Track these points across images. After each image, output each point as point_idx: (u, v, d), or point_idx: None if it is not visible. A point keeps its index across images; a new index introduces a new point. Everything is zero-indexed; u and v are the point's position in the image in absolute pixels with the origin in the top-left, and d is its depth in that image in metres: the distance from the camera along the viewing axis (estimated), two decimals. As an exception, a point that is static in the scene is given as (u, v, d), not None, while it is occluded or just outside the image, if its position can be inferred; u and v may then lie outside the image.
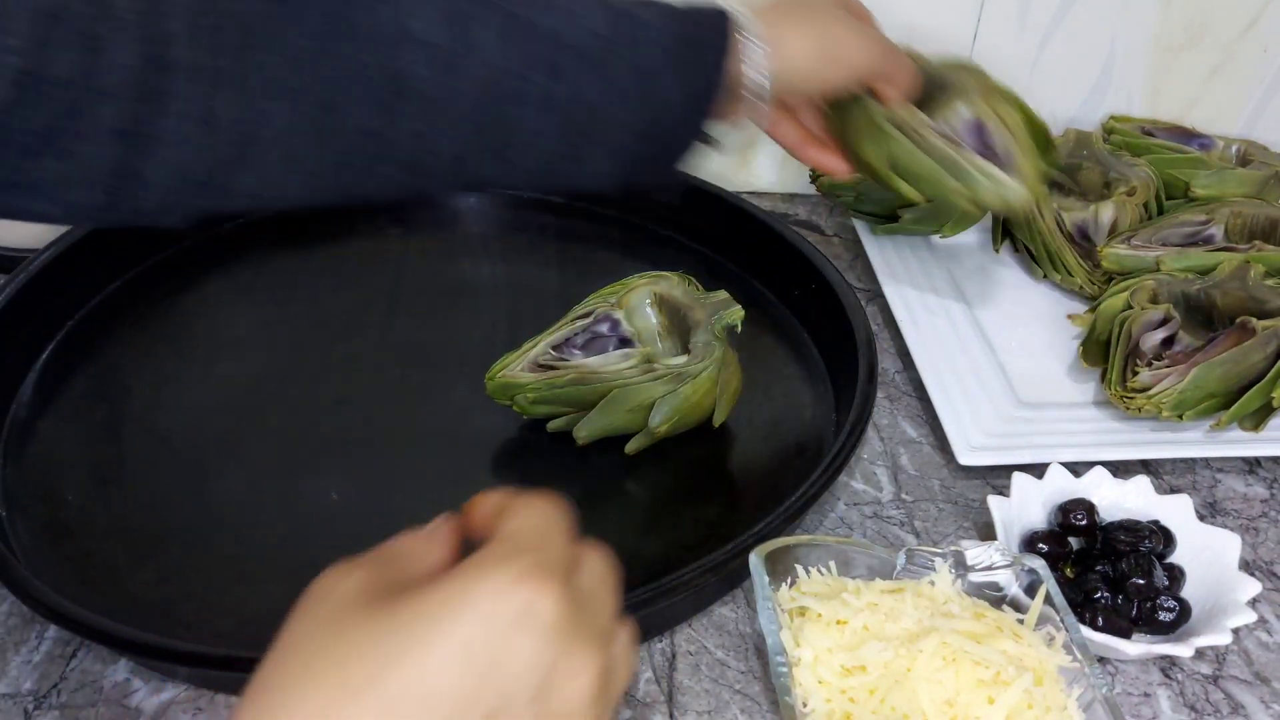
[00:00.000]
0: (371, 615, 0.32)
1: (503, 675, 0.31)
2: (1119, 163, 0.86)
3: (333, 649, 0.31)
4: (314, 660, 0.31)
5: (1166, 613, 0.57)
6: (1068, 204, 0.85)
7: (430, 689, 0.31)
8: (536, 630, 0.32)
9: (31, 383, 0.71)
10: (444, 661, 0.31)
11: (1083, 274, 0.81)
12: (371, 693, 0.30)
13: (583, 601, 0.34)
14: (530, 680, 0.32)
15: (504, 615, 0.31)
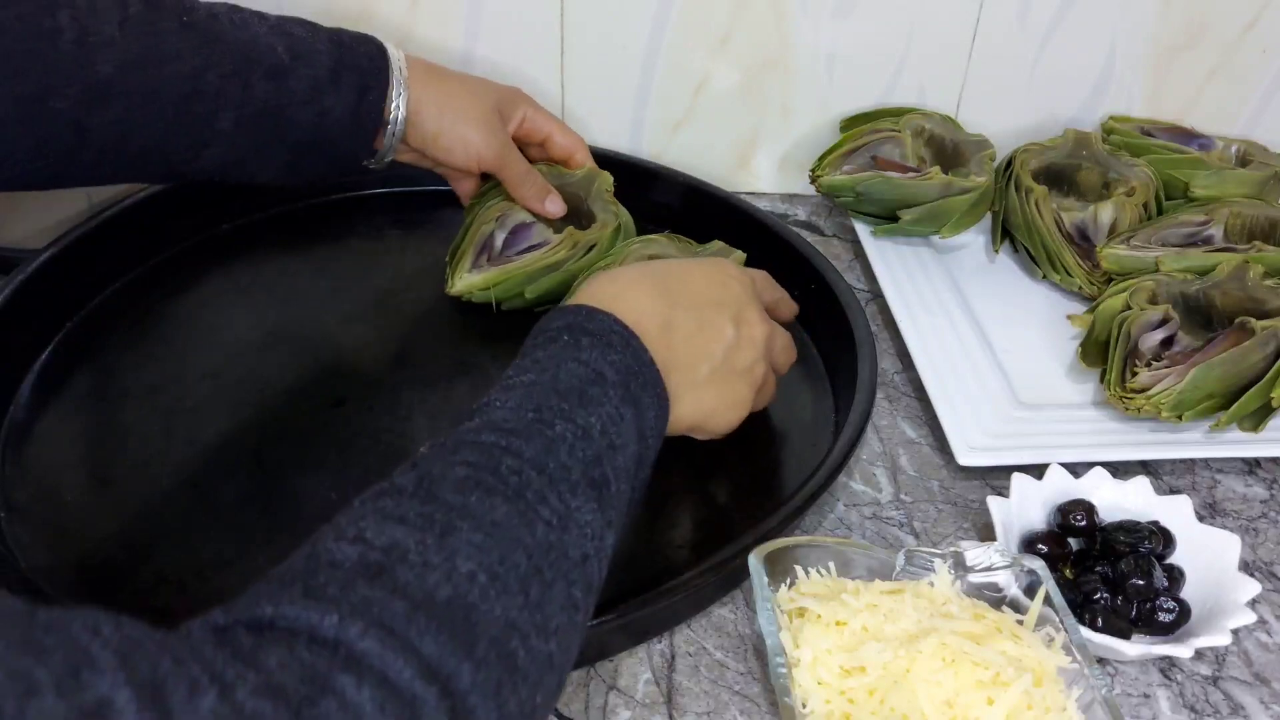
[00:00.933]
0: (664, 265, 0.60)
1: (725, 290, 0.58)
2: (1118, 163, 0.86)
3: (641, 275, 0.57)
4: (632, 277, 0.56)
5: (1166, 613, 0.57)
6: (1067, 204, 0.85)
7: (691, 275, 0.58)
8: (742, 287, 0.59)
9: (31, 383, 0.70)
10: (699, 269, 0.59)
11: (1082, 274, 0.81)
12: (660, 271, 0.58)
13: (767, 315, 0.61)
14: (737, 304, 0.58)
15: (736, 277, 0.60)
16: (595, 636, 0.54)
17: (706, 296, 0.56)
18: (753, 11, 0.88)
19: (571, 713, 0.54)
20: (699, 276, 0.57)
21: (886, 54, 0.91)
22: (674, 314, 0.54)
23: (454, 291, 0.75)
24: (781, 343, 0.62)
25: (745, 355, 0.57)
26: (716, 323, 0.56)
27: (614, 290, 0.54)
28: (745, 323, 0.57)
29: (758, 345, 0.58)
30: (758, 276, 0.62)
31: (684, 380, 0.54)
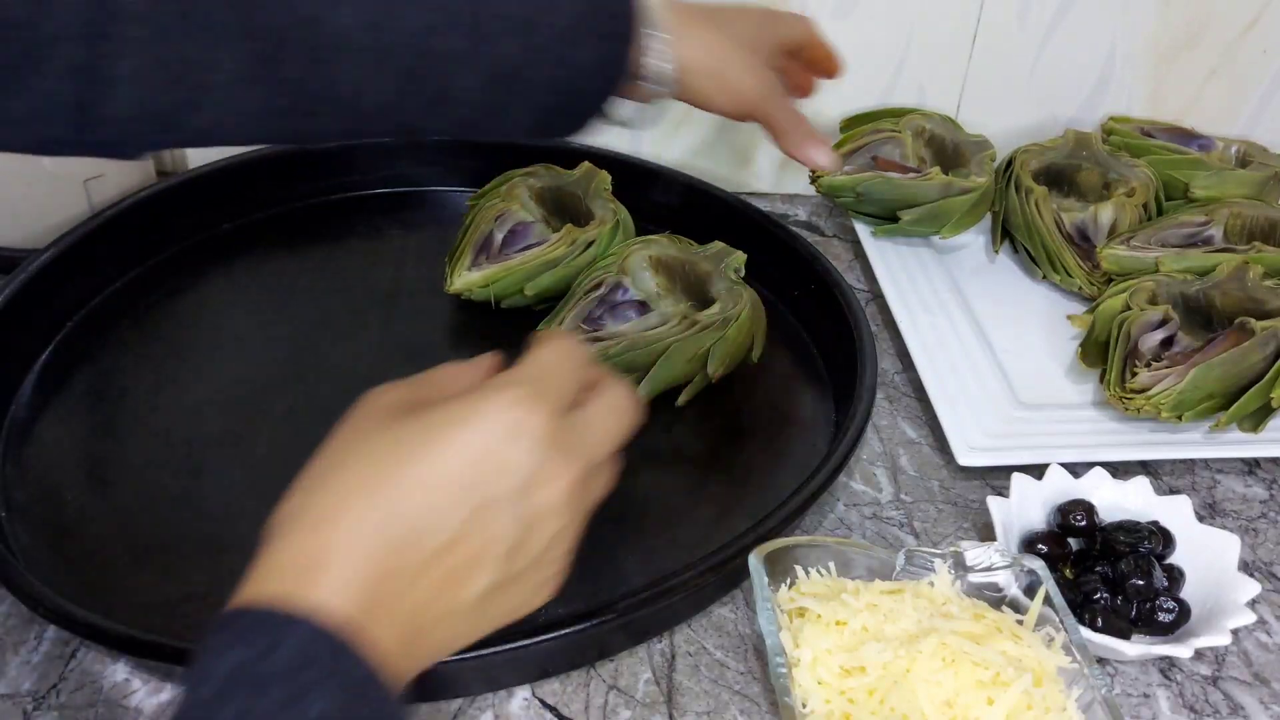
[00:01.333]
0: (402, 422, 0.40)
1: (494, 473, 0.40)
2: (1118, 164, 0.86)
3: (361, 447, 0.40)
4: (345, 457, 0.40)
5: (1166, 614, 0.58)
6: (1067, 205, 0.85)
7: (440, 478, 0.39)
8: (524, 442, 0.40)
9: (31, 383, 0.70)
10: (449, 458, 0.39)
11: (1082, 275, 0.81)
12: (389, 479, 0.39)
13: (572, 426, 0.43)
14: (516, 480, 0.40)
15: (502, 426, 0.40)
16: (595, 636, 0.54)
17: (459, 494, 0.39)
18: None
19: (571, 713, 0.54)
20: (448, 464, 0.39)
21: (886, 54, 0.91)
22: (409, 553, 0.38)
23: (453, 289, 0.75)
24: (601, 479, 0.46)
25: (539, 537, 0.41)
26: (485, 530, 0.39)
27: (311, 548, 0.38)
28: (536, 490, 0.40)
29: (558, 509, 0.41)
30: (551, 383, 0.43)
31: (448, 632, 0.40)
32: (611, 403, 0.46)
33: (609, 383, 0.47)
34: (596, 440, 0.44)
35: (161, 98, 0.51)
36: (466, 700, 0.55)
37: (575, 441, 0.42)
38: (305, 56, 0.53)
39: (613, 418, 0.46)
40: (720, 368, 0.69)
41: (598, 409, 0.45)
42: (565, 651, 0.55)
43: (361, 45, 0.54)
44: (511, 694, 0.55)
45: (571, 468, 0.42)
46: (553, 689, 0.56)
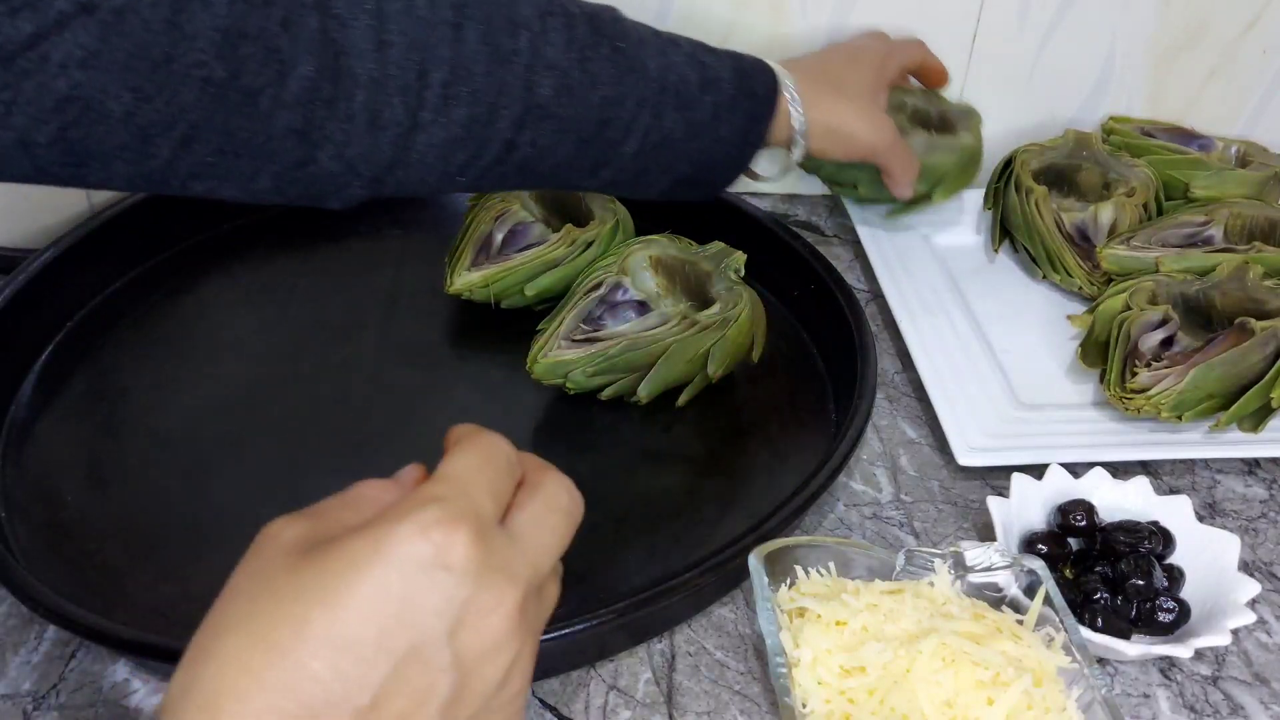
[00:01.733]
0: (297, 567, 0.34)
1: (416, 616, 0.33)
2: (1118, 164, 0.86)
3: (263, 599, 0.34)
4: (235, 619, 0.34)
5: (1166, 614, 0.58)
6: (1067, 204, 0.85)
7: (347, 636, 0.32)
8: (446, 572, 0.34)
9: (31, 383, 0.71)
10: (359, 606, 0.33)
11: (1082, 275, 0.81)
12: (287, 644, 0.32)
13: (506, 542, 0.36)
14: (443, 620, 0.34)
15: (415, 560, 0.33)
16: (595, 636, 0.54)
17: (374, 651, 0.33)
18: (752, 11, 0.88)
19: (572, 712, 0.54)
20: (356, 617, 0.33)
21: (886, 54, 0.91)
22: None
23: (453, 290, 0.75)
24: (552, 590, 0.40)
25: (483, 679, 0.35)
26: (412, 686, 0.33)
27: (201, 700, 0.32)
28: (469, 629, 0.34)
29: (502, 643, 0.35)
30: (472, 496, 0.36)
31: None
32: (550, 501, 0.39)
33: (542, 475, 0.40)
34: (537, 550, 0.37)
35: (366, 156, 0.54)
36: (466, 700, 0.55)
37: (511, 559, 0.36)
38: (512, 122, 0.57)
39: (553, 518, 0.39)
40: (720, 368, 0.69)
41: (534, 511, 0.38)
42: (565, 651, 0.55)
43: (554, 113, 0.58)
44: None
45: (511, 591, 0.35)
46: (553, 689, 0.56)
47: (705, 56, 0.65)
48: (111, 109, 0.46)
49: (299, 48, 0.49)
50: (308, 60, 0.50)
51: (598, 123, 0.59)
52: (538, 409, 0.71)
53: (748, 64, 0.66)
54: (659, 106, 0.61)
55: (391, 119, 0.53)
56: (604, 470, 0.67)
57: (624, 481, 0.67)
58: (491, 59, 0.55)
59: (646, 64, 0.61)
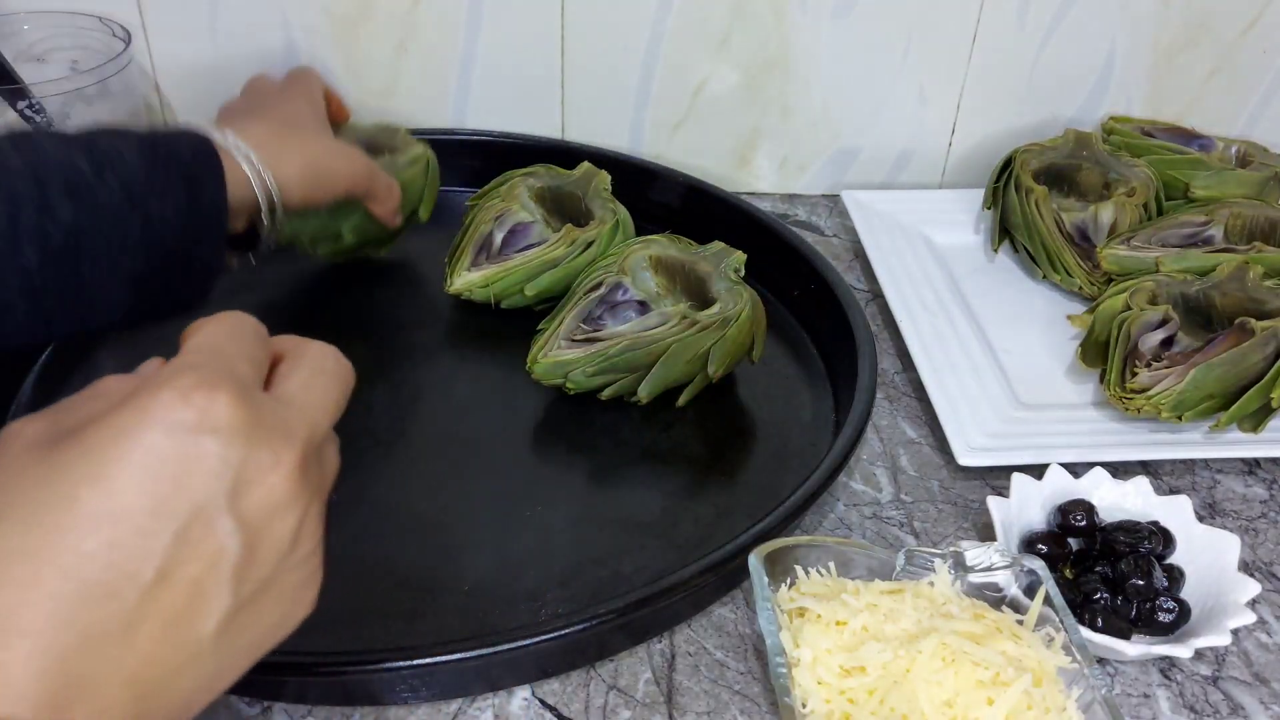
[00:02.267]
0: (54, 451, 0.33)
1: (191, 480, 0.32)
2: (1119, 163, 0.86)
3: (23, 489, 0.32)
4: (8, 502, 0.32)
5: (1166, 614, 0.57)
6: (1067, 205, 0.85)
7: (115, 509, 0.31)
8: (214, 435, 0.33)
9: (31, 383, 0.71)
10: (130, 476, 0.32)
11: (1082, 275, 0.81)
12: (52, 526, 0.31)
13: (275, 403, 0.36)
14: (219, 483, 0.33)
15: (180, 425, 0.32)
16: (595, 636, 0.54)
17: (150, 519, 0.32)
18: (752, 11, 0.88)
19: (571, 713, 0.54)
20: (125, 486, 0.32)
21: (886, 54, 0.91)
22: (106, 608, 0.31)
23: (453, 290, 0.75)
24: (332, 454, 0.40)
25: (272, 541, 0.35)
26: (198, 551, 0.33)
27: None
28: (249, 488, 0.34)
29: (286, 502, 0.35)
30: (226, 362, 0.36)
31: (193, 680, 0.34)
32: (316, 364, 0.39)
33: (304, 346, 0.40)
34: (309, 410, 0.37)
35: None
36: (466, 700, 0.55)
37: (284, 418, 0.35)
38: None
39: (321, 379, 0.39)
40: (720, 368, 0.69)
41: (300, 376, 0.38)
42: (565, 651, 0.55)
43: None
44: (511, 694, 0.55)
45: (288, 450, 0.34)
46: (553, 689, 0.56)
47: (95, 136, 0.55)
48: None
49: None
50: None
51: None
52: (538, 409, 0.71)
53: (163, 134, 0.57)
54: (44, 202, 0.51)
55: None
56: (604, 470, 0.67)
57: (624, 481, 0.67)
58: None
59: (7, 161, 0.51)
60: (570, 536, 0.62)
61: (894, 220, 0.89)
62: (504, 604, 0.58)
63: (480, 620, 0.57)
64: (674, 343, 0.68)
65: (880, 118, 0.94)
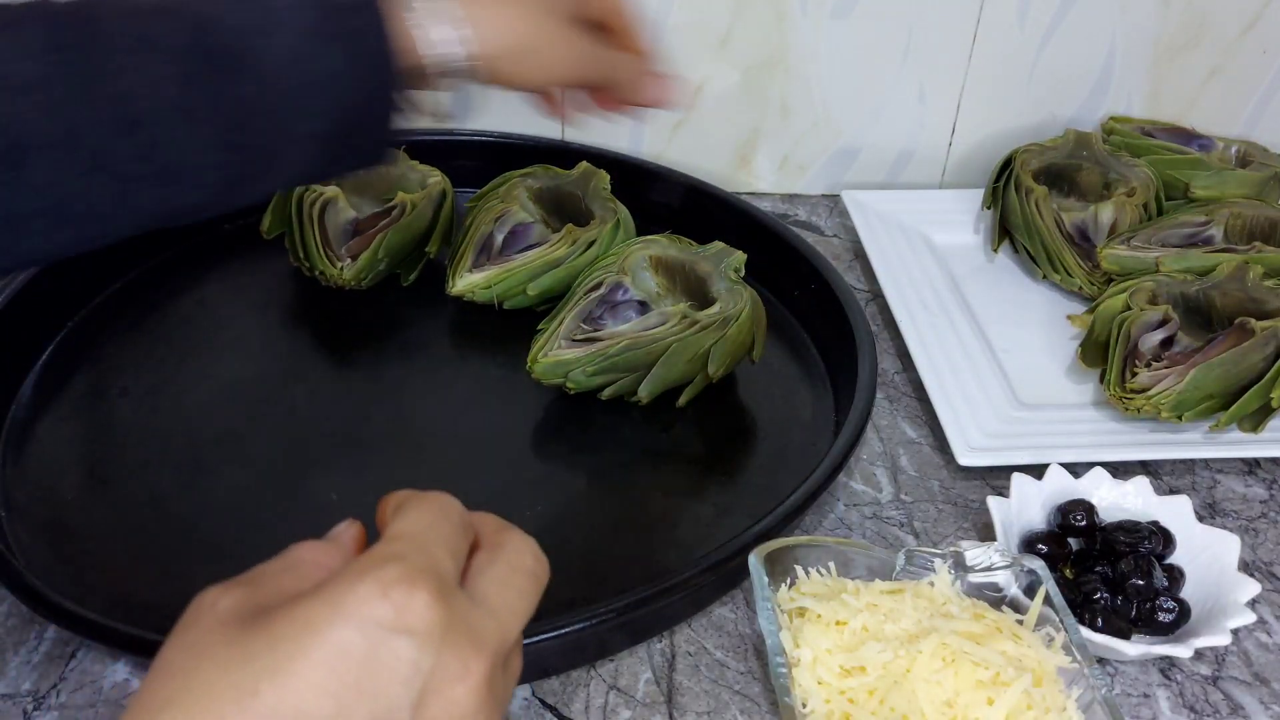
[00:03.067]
0: (244, 633, 0.31)
1: (378, 684, 0.31)
2: (1119, 163, 0.86)
3: (203, 672, 0.31)
4: (185, 685, 0.31)
5: (1166, 613, 0.57)
6: (1067, 205, 0.84)
7: (302, 704, 0.30)
8: (411, 635, 0.31)
9: (31, 383, 0.71)
10: (314, 674, 0.30)
11: (1082, 275, 0.81)
12: (241, 716, 0.30)
13: (470, 605, 0.33)
14: (409, 688, 0.31)
15: (375, 622, 0.31)
16: (595, 635, 0.54)
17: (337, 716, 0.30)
18: (753, 11, 0.88)
19: (572, 712, 0.54)
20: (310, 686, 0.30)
21: (886, 54, 0.91)
22: None
23: (455, 291, 0.75)
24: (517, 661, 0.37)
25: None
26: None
27: None
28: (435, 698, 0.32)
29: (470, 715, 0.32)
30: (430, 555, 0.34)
31: None
32: (514, 561, 0.36)
33: (503, 535, 0.37)
34: (503, 614, 0.34)
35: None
36: (466, 700, 0.55)
37: (476, 622, 0.33)
38: None
39: (518, 579, 0.36)
40: (720, 368, 0.69)
41: (497, 573, 0.35)
42: (565, 651, 0.55)
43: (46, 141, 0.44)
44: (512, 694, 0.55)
45: (477, 660, 0.32)
46: (553, 688, 0.56)
47: None
48: None
49: None
50: None
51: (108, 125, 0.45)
52: (538, 409, 0.71)
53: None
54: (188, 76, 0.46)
55: None
56: (604, 470, 0.67)
57: (624, 481, 0.67)
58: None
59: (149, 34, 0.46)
60: (570, 536, 0.62)
61: (894, 220, 0.89)
62: (504, 604, 0.58)
63: (480, 620, 0.57)
64: (674, 342, 0.68)
65: (880, 118, 0.94)
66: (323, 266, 0.76)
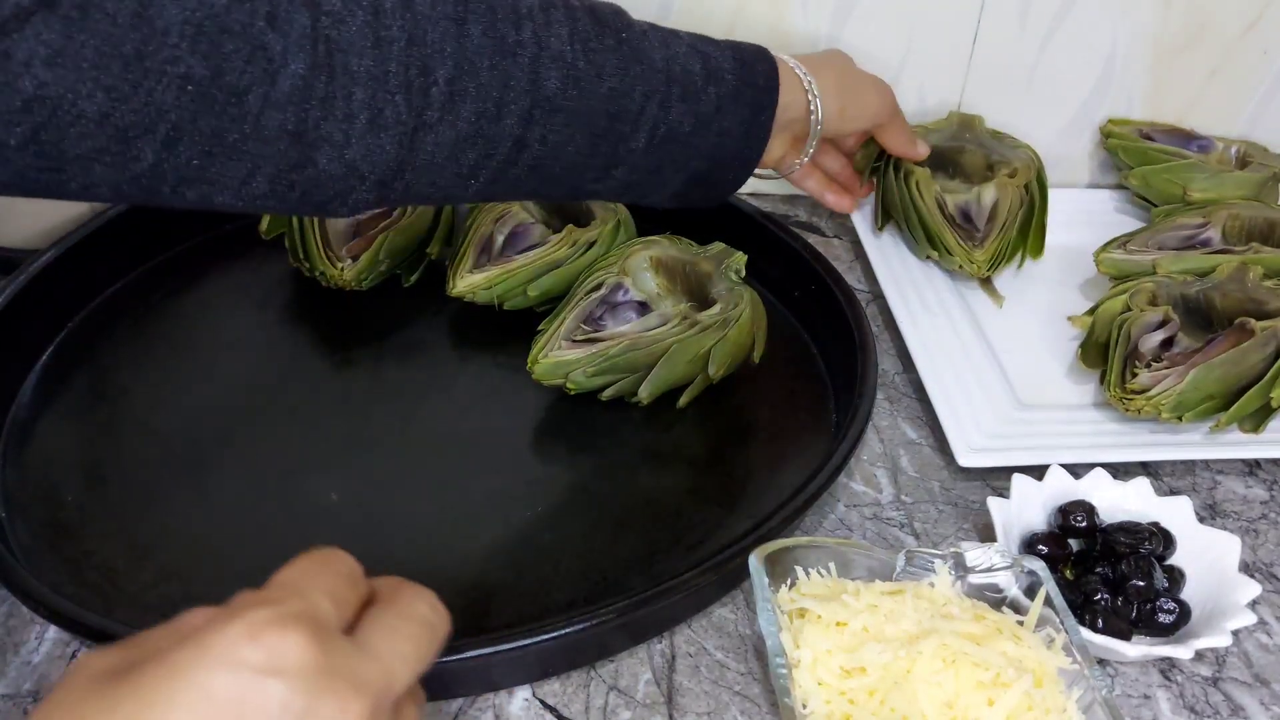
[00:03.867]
0: (112, 686, 0.31)
1: None
2: (1001, 145, 0.87)
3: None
4: None
5: (1166, 614, 0.58)
6: (951, 186, 0.85)
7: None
8: (282, 677, 0.30)
9: (31, 383, 0.71)
10: (184, 716, 0.30)
11: (962, 254, 0.81)
12: None
13: (350, 647, 0.33)
14: None
15: (245, 664, 0.30)
16: (595, 636, 0.54)
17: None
18: (753, 11, 0.88)
19: (571, 713, 0.54)
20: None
21: (887, 54, 0.91)
22: None
23: (456, 292, 0.75)
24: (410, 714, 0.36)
25: None
26: None
27: None
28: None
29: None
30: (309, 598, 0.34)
31: None
32: (406, 610, 0.36)
33: (397, 588, 0.37)
34: (389, 659, 0.34)
35: (369, 157, 0.51)
36: (466, 700, 0.55)
37: (357, 665, 0.32)
38: (520, 117, 0.55)
39: (408, 627, 0.35)
40: (721, 368, 0.69)
41: (385, 620, 0.35)
42: (565, 651, 0.55)
43: (562, 106, 0.56)
44: (511, 694, 0.55)
45: (358, 702, 0.31)
46: (553, 689, 0.56)
47: (706, 47, 0.63)
48: (85, 109, 0.43)
49: (289, 44, 0.47)
50: (299, 57, 0.47)
51: (607, 115, 0.58)
52: (538, 409, 0.71)
53: (748, 53, 0.65)
54: (665, 98, 0.60)
55: (394, 118, 0.51)
56: (604, 470, 0.67)
57: (624, 481, 0.67)
58: (496, 52, 0.53)
59: (651, 55, 0.60)
60: (571, 536, 0.62)
61: (894, 221, 0.89)
62: (505, 604, 0.58)
63: (481, 620, 0.57)
64: (674, 343, 0.68)
65: (880, 118, 0.94)
66: (323, 267, 0.76)
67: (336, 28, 0.49)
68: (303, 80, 0.48)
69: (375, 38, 0.50)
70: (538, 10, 0.56)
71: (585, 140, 0.58)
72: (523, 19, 0.55)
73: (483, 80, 0.53)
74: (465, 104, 0.53)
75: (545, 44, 0.55)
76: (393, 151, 0.52)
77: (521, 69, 0.54)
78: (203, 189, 0.49)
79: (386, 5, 0.50)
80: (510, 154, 0.56)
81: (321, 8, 0.48)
